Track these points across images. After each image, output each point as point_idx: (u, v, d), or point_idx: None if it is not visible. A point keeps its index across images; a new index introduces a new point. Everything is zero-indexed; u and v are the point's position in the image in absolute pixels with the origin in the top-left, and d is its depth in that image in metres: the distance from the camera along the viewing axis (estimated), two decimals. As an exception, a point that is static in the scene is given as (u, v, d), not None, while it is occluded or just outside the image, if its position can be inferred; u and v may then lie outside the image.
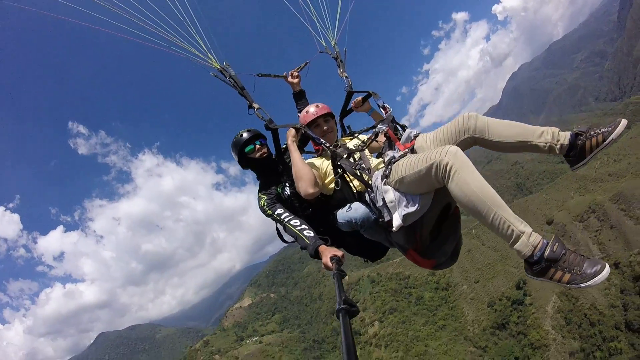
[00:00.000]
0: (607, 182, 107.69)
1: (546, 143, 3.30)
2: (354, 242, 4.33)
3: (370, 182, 3.80)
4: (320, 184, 4.10)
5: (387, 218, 3.53)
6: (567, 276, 2.68)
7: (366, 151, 4.37)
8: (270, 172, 4.54)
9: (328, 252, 3.41)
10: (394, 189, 3.48)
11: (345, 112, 5.35)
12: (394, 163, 3.57)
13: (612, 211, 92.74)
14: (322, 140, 4.28)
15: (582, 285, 2.64)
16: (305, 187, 3.91)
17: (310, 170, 4.04)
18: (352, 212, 3.93)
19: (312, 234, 3.78)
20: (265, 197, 4.32)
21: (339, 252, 3.36)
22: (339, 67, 5.44)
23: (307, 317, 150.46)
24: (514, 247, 2.80)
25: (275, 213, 4.13)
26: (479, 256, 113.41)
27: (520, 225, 2.76)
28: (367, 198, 3.87)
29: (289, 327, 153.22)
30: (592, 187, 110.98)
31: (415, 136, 3.94)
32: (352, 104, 5.21)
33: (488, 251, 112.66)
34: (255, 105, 4.53)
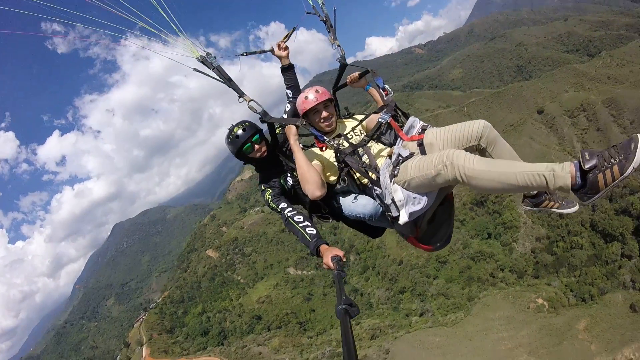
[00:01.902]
0: (604, 85, 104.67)
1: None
2: (356, 223, 4.53)
3: (376, 179, 3.92)
4: (324, 180, 4.14)
5: (394, 214, 3.72)
6: (615, 168, 2.64)
7: (374, 146, 4.38)
8: (271, 166, 4.59)
9: (329, 252, 3.51)
10: (402, 188, 3.61)
11: (338, 86, 5.26)
12: (402, 163, 3.67)
13: (602, 114, 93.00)
14: (325, 138, 4.26)
15: (634, 163, 2.58)
16: (313, 190, 3.94)
17: (316, 172, 4.04)
18: (360, 207, 4.15)
19: (314, 232, 3.88)
20: (270, 191, 4.44)
21: (340, 252, 3.47)
22: (329, 32, 5.13)
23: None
24: (557, 187, 2.82)
25: (279, 207, 4.27)
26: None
27: (544, 169, 2.83)
28: (373, 193, 4.02)
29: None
30: (588, 86, 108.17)
31: (424, 129, 4.05)
32: (347, 79, 5.10)
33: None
34: (247, 98, 4.33)
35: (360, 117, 4.85)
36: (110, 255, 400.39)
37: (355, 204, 4.22)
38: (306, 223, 4.00)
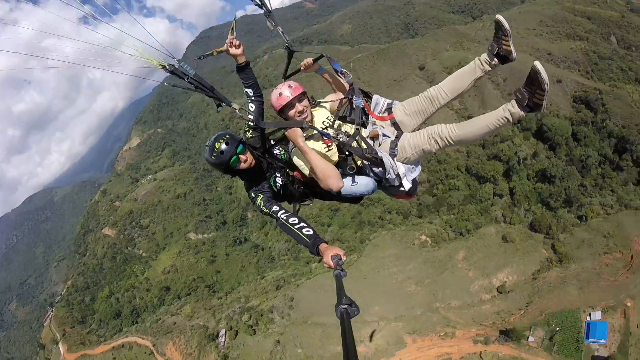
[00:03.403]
0: (482, 45, 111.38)
1: (484, 70, 4.72)
2: (340, 196, 4.68)
3: (377, 160, 4.42)
4: None
5: (396, 183, 4.49)
6: (539, 93, 3.95)
7: (364, 131, 4.77)
8: (258, 171, 4.58)
9: (329, 251, 3.59)
10: (402, 163, 4.53)
11: (290, 73, 5.31)
12: (397, 144, 4.57)
13: None
14: (330, 135, 4.48)
15: (545, 78, 3.87)
16: (337, 183, 4.27)
17: (333, 167, 4.38)
18: (362, 187, 4.53)
19: (311, 232, 4.00)
20: (261, 196, 4.47)
21: (340, 251, 3.58)
22: (267, 17, 5.02)
23: (196, 148, 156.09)
24: (516, 119, 4.19)
25: (272, 211, 4.34)
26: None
27: (503, 113, 4.16)
28: (369, 172, 4.51)
29: (179, 159, 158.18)
30: (467, 46, 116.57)
31: (389, 106, 4.92)
32: (302, 66, 5.24)
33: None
34: (236, 106, 4.34)
35: (326, 104, 5.06)
36: (0, 253, 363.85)
37: (357, 186, 4.53)
38: (301, 224, 4.11)
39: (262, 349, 69.49)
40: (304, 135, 4.40)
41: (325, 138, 4.55)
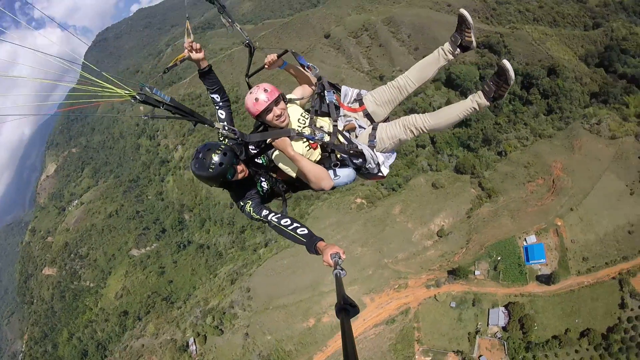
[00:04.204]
0: (383, 6, 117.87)
1: (447, 59, 5.20)
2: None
3: (357, 153, 4.75)
4: None
5: (375, 171, 4.89)
6: (504, 87, 4.63)
7: (340, 125, 5.00)
8: (248, 181, 4.64)
9: (328, 250, 3.61)
10: (380, 152, 4.96)
11: (254, 71, 5.41)
12: (375, 135, 4.97)
13: (383, 32, 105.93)
14: (316, 138, 4.68)
15: (511, 73, 4.52)
16: (329, 183, 4.59)
17: (322, 168, 4.62)
18: (345, 179, 4.82)
19: (306, 232, 4.07)
20: (250, 202, 4.52)
21: (339, 249, 3.60)
22: (221, 13, 5.02)
23: (116, 160, 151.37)
24: (482, 108, 4.85)
25: (263, 216, 4.40)
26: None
27: (470, 103, 4.81)
28: (350, 163, 4.82)
29: (102, 176, 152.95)
30: (368, 8, 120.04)
31: (359, 97, 5.27)
32: (266, 63, 5.18)
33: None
34: (219, 125, 4.37)
35: (297, 100, 5.15)
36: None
37: (340, 179, 4.77)
38: (295, 225, 4.15)
39: (233, 345, 71.08)
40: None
41: (311, 142, 4.73)
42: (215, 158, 4.10)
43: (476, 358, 60.21)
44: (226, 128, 4.38)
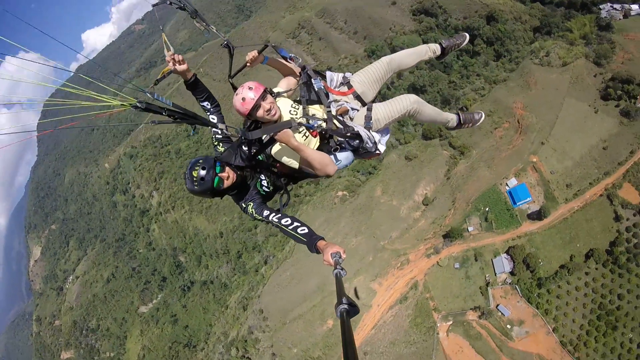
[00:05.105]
0: (312, 0, 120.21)
1: (429, 57, 5.80)
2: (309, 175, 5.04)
3: (355, 135, 4.95)
4: None
5: (374, 150, 5.11)
6: (469, 124, 5.75)
7: (332, 110, 5.06)
8: (243, 183, 4.76)
9: (329, 249, 3.69)
10: (376, 132, 5.15)
11: (237, 70, 5.44)
12: (370, 116, 5.06)
13: (319, 25, 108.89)
14: (314, 125, 4.81)
15: (477, 124, 5.81)
16: (333, 168, 4.80)
17: (325, 154, 4.80)
18: (344, 162, 5.05)
19: (306, 231, 4.19)
20: (252, 204, 4.66)
21: (340, 249, 3.67)
22: (193, 18, 5.10)
23: (97, 224, 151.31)
24: (450, 125, 5.74)
25: (264, 216, 4.53)
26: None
27: (449, 114, 5.63)
28: (348, 146, 5.01)
29: (89, 244, 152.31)
30: (300, 5, 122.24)
31: (345, 80, 5.43)
32: (248, 61, 5.22)
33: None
34: (222, 126, 4.59)
35: (284, 93, 5.24)
36: None
37: (341, 162, 5.01)
38: (295, 224, 4.26)
39: (263, 369, 72.32)
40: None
41: (311, 130, 4.87)
42: (199, 174, 4.26)
43: (494, 308, 62.26)
44: (228, 128, 4.65)
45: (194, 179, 4.25)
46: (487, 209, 68.50)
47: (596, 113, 69.18)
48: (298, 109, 5.08)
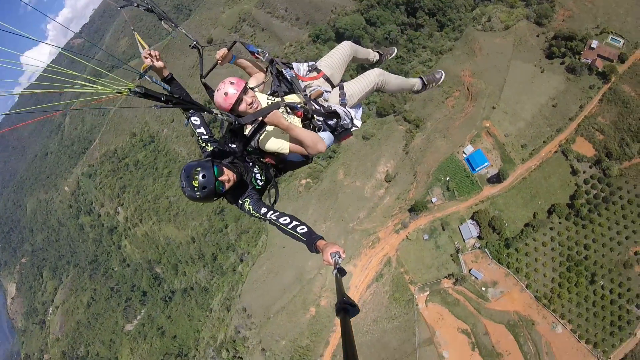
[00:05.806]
0: None
1: (375, 61, 6.85)
2: (308, 159, 5.24)
3: (333, 113, 5.22)
4: None
5: (349, 126, 5.41)
6: (433, 83, 6.55)
7: (308, 93, 5.30)
8: (240, 182, 4.67)
9: (328, 248, 3.72)
10: (351, 107, 5.47)
11: (208, 71, 5.49)
12: (345, 94, 5.43)
13: (260, 16, 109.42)
14: (298, 106, 4.99)
15: (440, 82, 6.71)
16: (324, 144, 4.96)
17: (314, 132, 5.02)
18: (328, 141, 5.19)
19: (305, 230, 4.18)
20: (248, 201, 4.63)
21: (339, 248, 3.70)
22: (160, 20, 5.22)
23: (67, 250, 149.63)
24: (415, 88, 6.45)
25: (261, 214, 4.50)
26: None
27: (413, 79, 6.28)
28: (325, 126, 5.24)
29: (63, 272, 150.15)
30: None
31: (313, 67, 5.77)
32: (218, 59, 5.42)
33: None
34: (217, 111, 4.44)
35: (256, 88, 5.35)
36: None
37: (325, 141, 5.18)
38: (294, 223, 4.29)
39: (256, 365, 74.21)
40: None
41: (296, 111, 5.00)
42: (200, 182, 4.16)
43: (467, 273, 64.95)
44: (222, 113, 4.51)
45: (195, 188, 4.16)
46: (447, 179, 70.79)
47: (542, 72, 71.61)
48: (274, 100, 5.21)
